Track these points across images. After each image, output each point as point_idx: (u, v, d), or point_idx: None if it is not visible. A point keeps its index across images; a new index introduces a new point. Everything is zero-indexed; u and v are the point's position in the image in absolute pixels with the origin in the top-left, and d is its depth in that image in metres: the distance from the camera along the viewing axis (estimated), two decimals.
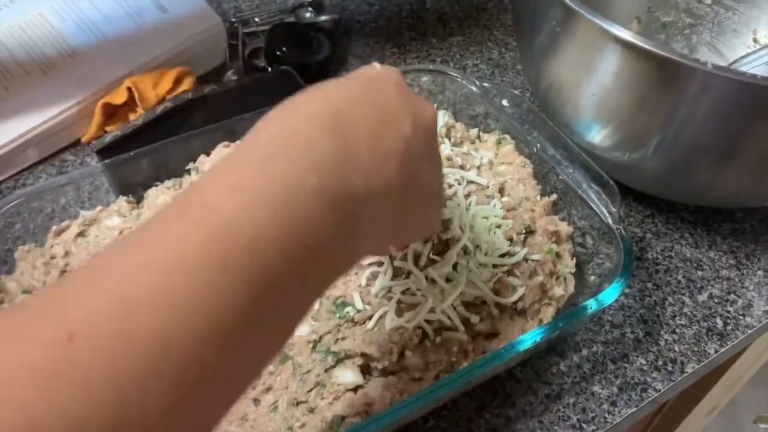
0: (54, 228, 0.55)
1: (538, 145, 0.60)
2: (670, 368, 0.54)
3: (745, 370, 1.08)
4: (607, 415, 0.51)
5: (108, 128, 0.67)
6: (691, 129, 0.51)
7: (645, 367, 0.54)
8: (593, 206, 0.55)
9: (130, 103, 0.67)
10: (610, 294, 0.49)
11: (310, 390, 0.46)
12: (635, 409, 0.52)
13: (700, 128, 0.51)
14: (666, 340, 0.56)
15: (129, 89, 0.66)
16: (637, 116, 0.52)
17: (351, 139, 0.31)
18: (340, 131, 0.31)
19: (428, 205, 0.40)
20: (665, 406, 1.15)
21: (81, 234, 0.55)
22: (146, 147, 0.59)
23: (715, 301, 0.59)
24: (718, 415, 1.33)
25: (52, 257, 0.53)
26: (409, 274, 0.52)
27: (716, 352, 0.55)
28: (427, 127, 0.37)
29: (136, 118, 0.66)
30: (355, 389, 0.46)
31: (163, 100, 0.68)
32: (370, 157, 0.32)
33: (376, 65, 0.40)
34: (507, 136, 0.63)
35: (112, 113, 0.67)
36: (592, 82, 0.53)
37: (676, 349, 0.56)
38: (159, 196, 0.58)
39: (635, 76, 0.50)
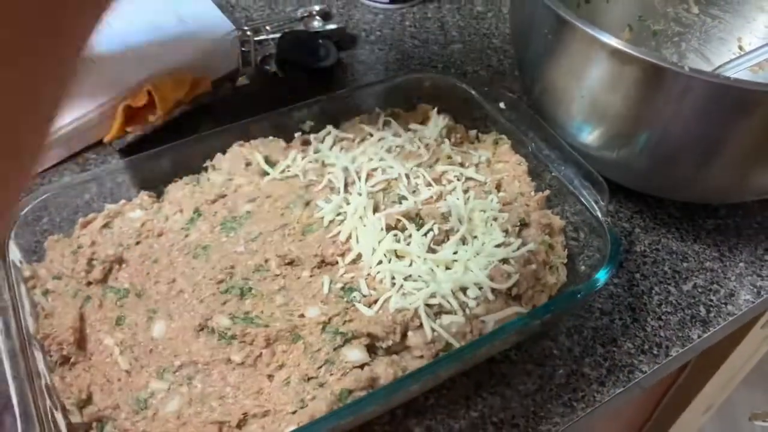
0: (81, 220, 0.59)
1: (533, 144, 0.64)
2: (655, 352, 0.58)
3: (738, 369, 1.11)
4: (596, 395, 0.55)
5: (128, 129, 0.71)
6: (674, 128, 0.55)
7: (632, 351, 0.58)
8: (583, 201, 0.59)
9: (149, 106, 0.71)
10: (599, 280, 0.53)
11: (320, 367, 0.50)
12: (622, 389, 0.55)
13: (683, 127, 0.54)
14: (652, 326, 0.60)
15: (149, 92, 0.70)
16: (624, 117, 0.56)
17: None
18: None
19: None
20: (660, 404, 1.18)
21: (106, 225, 0.59)
22: (165, 146, 0.63)
23: (699, 290, 0.63)
24: (715, 415, 1.36)
25: (80, 246, 0.57)
26: (411, 262, 0.56)
27: (699, 337, 0.59)
28: None
29: (155, 119, 0.71)
30: (361, 366, 0.50)
31: (180, 103, 0.72)
32: None
33: None
34: (504, 137, 0.67)
35: (132, 115, 0.71)
36: (583, 85, 0.57)
37: (662, 334, 0.59)
38: (178, 191, 0.62)
39: (622, 80, 0.54)
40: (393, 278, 0.55)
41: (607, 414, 0.59)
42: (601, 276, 0.53)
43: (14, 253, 0.55)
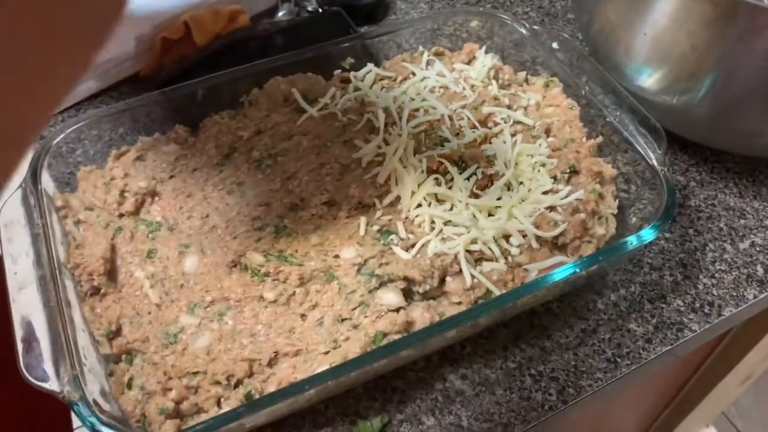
0: (114, 152, 0.58)
1: (587, 88, 0.60)
2: (707, 310, 0.55)
3: None
4: (642, 352, 0.52)
5: (165, 62, 0.69)
6: (744, 71, 0.51)
7: (682, 309, 0.55)
8: (639, 149, 0.55)
9: (186, 39, 0.69)
10: (651, 232, 0.49)
11: (354, 308, 0.48)
12: (670, 347, 0.53)
13: (753, 70, 0.50)
14: (704, 284, 0.57)
15: (186, 24, 0.68)
16: (689, 57, 0.52)
17: None
18: None
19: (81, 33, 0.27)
20: (697, 372, 1.15)
21: (139, 158, 0.57)
22: (201, 78, 0.61)
23: (757, 249, 0.59)
24: (751, 388, 1.32)
25: (112, 178, 0.56)
26: (452, 206, 0.53)
27: (755, 297, 0.56)
28: None
29: (192, 52, 0.68)
30: (397, 310, 0.48)
31: (218, 36, 0.70)
32: None
33: None
34: (555, 79, 0.63)
35: (169, 48, 0.69)
36: (646, 21, 0.53)
37: (714, 293, 0.56)
38: (213, 126, 0.60)
39: (690, 15, 0.50)
40: (432, 223, 0.52)
41: (642, 378, 0.56)
42: (655, 227, 0.49)
43: (47, 183, 0.54)
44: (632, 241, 0.49)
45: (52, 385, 0.41)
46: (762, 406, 1.65)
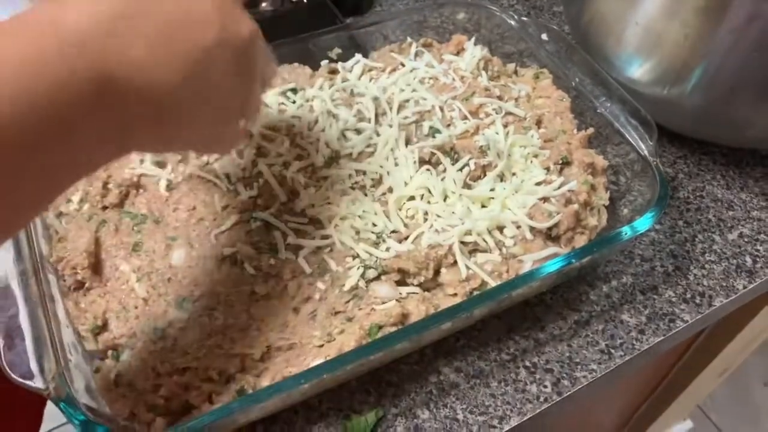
0: None
1: (577, 79, 0.60)
2: (698, 301, 0.55)
3: (759, 332, 1.09)
4: (635, 342, 0.52)
5: None
6: (735, 60, 0.51)
7: (674, 299, 0.55)
8: (630, 140, 0.55)
9: None
10: (645, 221, 0.49)
11: (348, 301, 0.47)
12: (662, 337, 0.53)
13: (745, 60, 0.50)
14: (695, 275, 0.57)
15: None
16: (681, 46, 0.52)
17: (131, 33, 0.30)
18: (123, 24, 0.30)
19: (220, 121, 0.38)
20: (676, 365, 1.16)
21: None
22: None
23: (745, 240, 0.59)
24: (727, 381, 1.34)
25: None
26: (445, 197, 0.52)
27: (744, 288, 0.56)
28: (239, 45, 0.35)
29: None
30: (392, 302, 0.47)
31: None
32: (150, 56, 0.31)
33: None
34: (545, 71, 0.63)
35: None
36: (638, 11, 0.53)
37: (705, 283, 0.56)
38: None
39: (683, 4, 0.50)
40: (425, 214, 0.51)
41: (635, 369, 0.56)
42: (649, 217, 0.49)
43: None
44: (626, 231, 0.49)
45: (36, 382, 0.40)
46: (735, 399, 1.68)
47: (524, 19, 0.64)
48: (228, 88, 0.36)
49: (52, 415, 0.83)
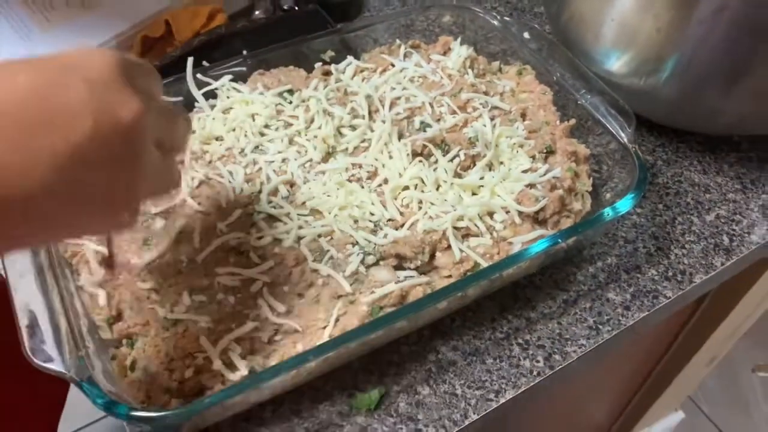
0: None
1: (558, 74, 0.63)
2: (679, 278, 0.58)
3: (742, 320, 1.12)
4: (621, 318, 0.55)
5: (146, 60, 0.70)
6: (705, 51, 0.54)
7: (656, 278, 0.58)
8: (610, 128, 0.58)
9: (167, 37, 0.70)
10: (626, 203, 0.52)
11: (350, 286, 0.50)
12: (647, 313, 0.56)
13: (714, 50, 0.54)
14: (676, 254, 0.60)
15: (167, 23, 0.69)
16: (654, 39, 0.56)
17: None
18: None
19: (107, 212, 0.36)
20: (666, 355, 1.19)
21: None
22: (183, 75, 0.62)
23: (722, 220, 0.63)
24: (716, 369, 1.37)
25: None
26: (438, 187, 0.55)
27: (722, 264, 0.59)
28: (121, 131, 0.33)
29: (172, 50, 0.69)
30: (391, 284, 0.50)
31: (198, 34, 0.71)
32: (15, 158, 0.29)
33: (92, 49, 0.35)
34: (528, 67, 0.66)
35: (150, 46, 0.70)
36: (614, 7, 0.56)
37: (685, 261, 0.59)
38: (199, 119, 0.61)
39: None
40: (420, 202, 0.54)
41: (613, 360, 0.58)
42: (629, 198, 0.52)
43: None
44: (608, 212, 0.52)
45: (57, 365, 0.42)
46: (724, 388, 1.72)
47: (507, 19, 0.67)
48: (108, 176, 0.33)
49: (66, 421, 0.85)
